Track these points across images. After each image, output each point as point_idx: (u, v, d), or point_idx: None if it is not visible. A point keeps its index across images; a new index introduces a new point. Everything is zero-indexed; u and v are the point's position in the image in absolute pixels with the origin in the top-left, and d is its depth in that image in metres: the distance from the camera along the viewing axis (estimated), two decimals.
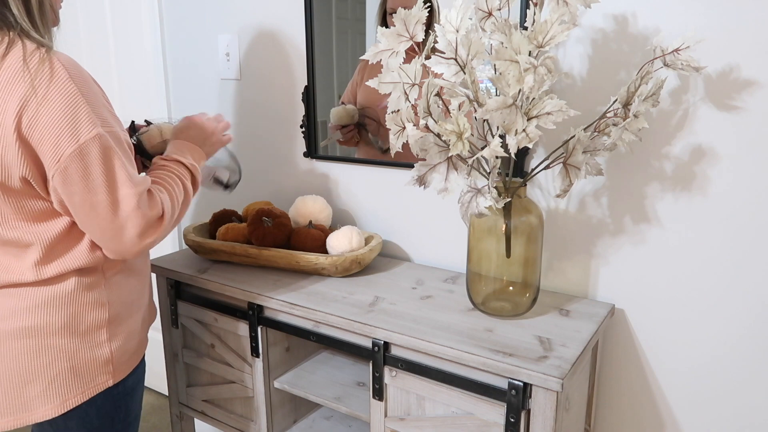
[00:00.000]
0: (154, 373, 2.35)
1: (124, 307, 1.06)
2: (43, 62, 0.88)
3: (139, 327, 1.11)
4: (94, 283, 1.02)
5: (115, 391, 1.06)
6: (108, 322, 1.04)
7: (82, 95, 0.89)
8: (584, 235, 1.25)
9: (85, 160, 0.89)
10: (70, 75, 0.89)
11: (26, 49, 0.89)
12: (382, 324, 1.11)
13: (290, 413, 1.44)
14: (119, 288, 1.06)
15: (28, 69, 0.88)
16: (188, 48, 1.78)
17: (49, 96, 0.87)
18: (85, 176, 0.90)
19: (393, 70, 1.01)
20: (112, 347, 1.04)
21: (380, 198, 1.49)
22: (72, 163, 0.89)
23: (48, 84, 0.87)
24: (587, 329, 1.09)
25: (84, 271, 1.01)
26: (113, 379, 1.04)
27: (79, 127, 0.88)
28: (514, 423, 0.99)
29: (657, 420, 1.25)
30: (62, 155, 0.88)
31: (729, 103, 1.06)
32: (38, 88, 0.87)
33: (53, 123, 0.88)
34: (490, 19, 0.97)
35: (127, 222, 0.94)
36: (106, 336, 1.03)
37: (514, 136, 0.94)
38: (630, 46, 1.12)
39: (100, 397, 1.04)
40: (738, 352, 1.14)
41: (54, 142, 0.88)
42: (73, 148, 0.88)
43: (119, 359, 1.05)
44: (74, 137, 0.88)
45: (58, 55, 0.91)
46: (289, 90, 1.58)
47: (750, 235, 1.09)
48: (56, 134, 0.88)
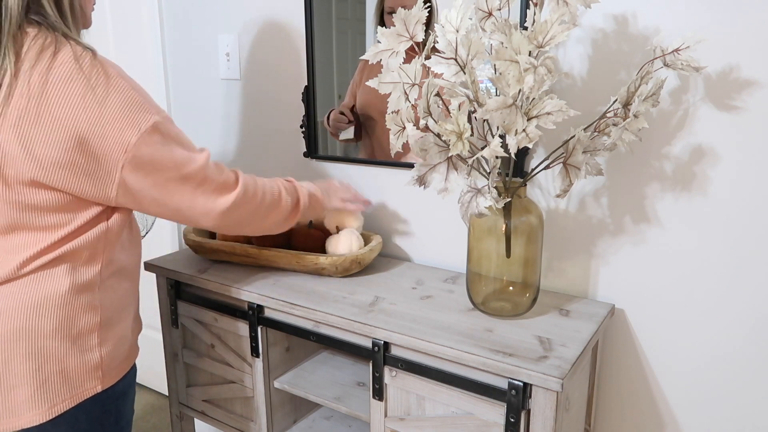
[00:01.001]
0: (154, 373, 2.35)
1: (116, 312, 1.05)
2: (94, 63, 0.93)
3: (129, 333, 1.09)
4: (88, 285, 1.00)
5: (104, 395, 1.04)
6: (99, 326, 1.02)
7: (134, 90, 0.95)
8: (584, 235, 1.25)
9: (150, 145, 0.96)
10: (119, 74, 0.95)
11: (76, 50, 0.94)
12: (382, 324, 1.11)
13: (290, 413, 1.44)
14: (113, 291, 1.04)
15: (81, 69, 0.92)
16: (188, 48, 1.78)
17: (109, 96, 0.93)
18: (153, 159, 0.96)
19: (393, 70, 1.01)
20: (102, 352, 1.02)
21: (380, 198, 1.49)
22: (139, 149, 0.95)
23: (106, 85, 0.93)
24: (587, 329, 1.09)
25: (79, 271, 1.00)
26: (102, 385, 1.02)
27: (138, 118, 0.94)
28: (514, 423, 0.99)
29: (657, 420, 1.25)
30: (128, 144, 0.94)
31: (729, 103, 1.06)
32: (96, 89, 0.92)
33: (115, 120, 0.93)
34: (490, 19, 0.97)
35: (205, 187, 1.02)
36: (97, 340, 1.02)
37: (514, 136, 0.94)
38: (630, 46, 1.12)
39: (89, 402, 1.02)
40: (738, 352, 1.14)
41: (119, 136, 0.93)
42: (137, 137, 0.94)
43: (109, 365, 1.03)
44: (136, 127, 0.94)
45: (103, 57, 0.96)
46: (289, 90, 1.58)
47: (750, 235, 1.09)
48: (120, 128, 0.93)
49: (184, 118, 1.86)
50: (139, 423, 2.21)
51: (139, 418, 2.24)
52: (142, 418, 2.24)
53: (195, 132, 1.84)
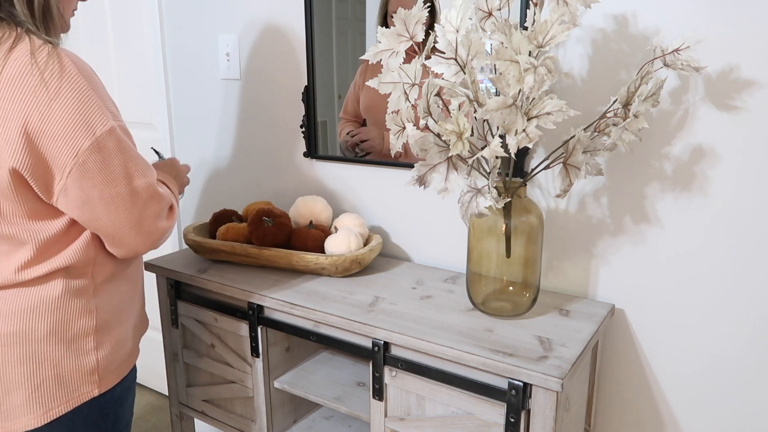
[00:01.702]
0: (154, 373, 2.35)
1: (113, 315, 1.04)
2: (51, 57, 0.88)
3: (130, 336, 1.08)
4: (82, 289, 0.99)
5: (102, 399, 1.03)
6: (95, 330, 1.01)
7: (92, 90, 0.90)
8: (584, 235, 1.25)
9: (103, 152, 0.90)
10: (79, 70, 0.89)
11: (34, 44, 0.88)
12: (382, 324, 1.11)
13: (290, 413, 1.44)
14: (109, 295, 1.03)
15: (36, 63, 0.87)
16: (188, 48, 1.78)
17: (61, 92, 0.87)
18: (103, 168, 0.91)
19: (393, 70, 1.01)
20: (98, 356, 1.01)
21: (380, 198, 1.49)
22: (90, 156, 0.89)
23: (59, 80, 0.87)
24: (587, 329, 1.09)
25: (73, 276, 0.99)
26: (99, 389, 1.01)
27: (94, 121, 0.89)
28: (514, 423, 0.99)
29: (657, 420, 1.25)
30: (80, 149, 0.88)
31: (729, 103, 1.06)
32: (49, 83, 0.87)
33: (67, 118, 0.87)
34: (490, 19, 0.97)
35: (145, 210, 0.96)
36: (93, 344, 1.00)
37: (514, 136, 0.94)
38: (630, 46, 1.12)
39: (86, 407, 1.01)
40: (739, 353, 1.14)
41: (70, 137, 0.88)
42: (90, 141, 0.88)
43: (106, 368, 1.02)
44: (90, 131, 0.88)
45: (65, 51, 0.91)
46: (289, 90, 1.58)
47: (751, 234, 1.09)
48: (72, 129, 0.88)
49: (184, 118, 1.86)
50: (139, 423, 2.21)
51: (139, 418, 2.24)
52: (142, 418, 2.24)
53: (195, 132, 1.84)
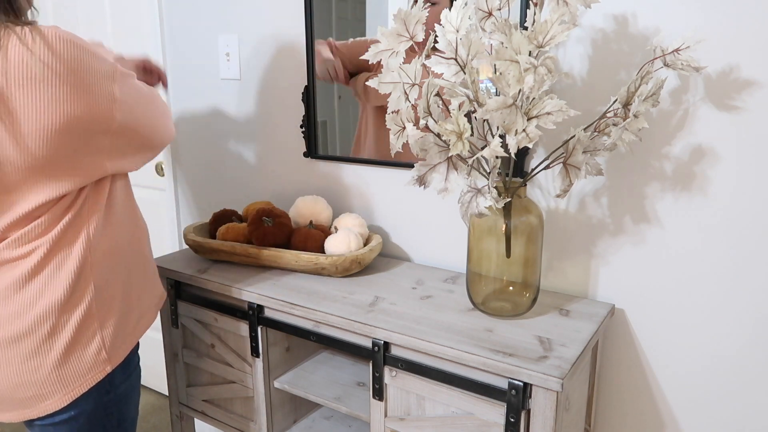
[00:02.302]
0: (154, 373, 2.35)
1: (112, 291, 1.04)
2: (39, 41, 0.91)
3: (132, 306, 1.08)
4: (81, 269, 1.00)
5: (107, 398, 1.05)
6: (97, 310, 1.02)
7: (83, 48, 0.95)
8: (584, 235, 1.25)
9: (127, 84, 1.01)
10: (61, 38, 0.93)
11: (18, 33, 0.91)
12: (382, 324, 1.11)
13: (290, 413, 1.44)
14: (104, 270, 1.03)
15: (30, 51, 0.91)
16: (188, 48, 1.78)
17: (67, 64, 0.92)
18: (137, 94, 1.03)
19: (393, 70, 1.01)
20: (103, 334, 1.03)
21: (380, 198, 1.49)
22: (122, 93, 0.99)
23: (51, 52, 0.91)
24: (587, 329, 1.09)
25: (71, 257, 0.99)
26: (111, 365, 1.03)
27: (103, 69, 0.97)
28: (514, 423, 0.99)
29: (657, 420, 1.25)
30: (113, 93, 0.98)
31: (729, 103, 1.06)
32: (60, 73, 0.92)
33: (86, 78, 0.94)
34: (490, 19, 0.97)
35: (166, 107, 1.13)
36: (97, 324, 1.02)
37: (514, 136, 0.94)
38: (630, 46, 1.12)
39: (94, 392, 1.03)
40: (739, 352, 1.14)
41: (99, 89, 0.96)
42: (114, 85, 0.98)
43: (113, 344, 1.04)
44: (108, 78, 0.97)
45: (42, 29, 0.92)
46: (289, 90, 1.58)
47: (751, 235, 1.09)
48: (95, 83, 0.95)
49: (184, 118, 1.86)
50: (139, 423, 2.21)
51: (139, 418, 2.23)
52: (143, 418, 2.24)
53: (195, 132, 1.84)
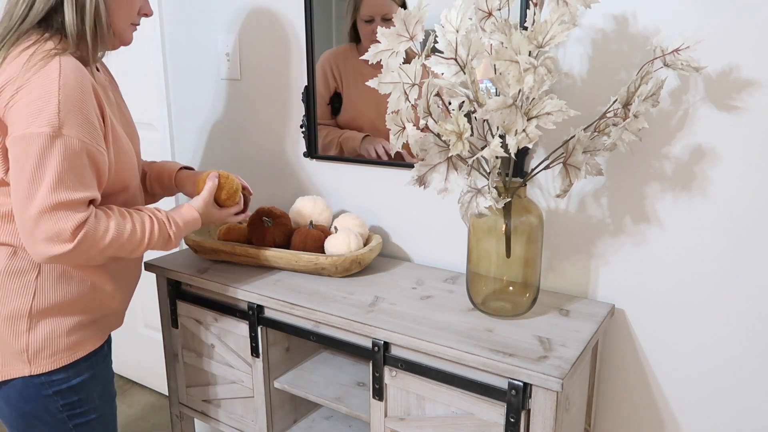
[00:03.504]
0: (154, 373, 2.35)
1: (54, 306, 1.07)
2: (44, 59, 0.96)
3: (69, 329, 1.09)
4: (23, 271, 1.05)
5: (38, 380, 1.08)
6: (29, 314, 1.06)
7: (59, 94, 0.95)
8: (584, 235, 1.25)
9: (25, 148, 0.95)
10: (61, 74, 0.96)
11: (40, 48, 0.98)
12: (382, 324, 1.11)
13: (290, 413, 1.44)
14: (54, 285, 1.07)
15: (29, 61, 0.97)
16: (188, 48, 1.78)
17: (31, 81, 0.95)
18: (19, 161, 0.96)
19: (393, 70, 1.01)
20: (29, 338, 1.06)
21: (380, 198, 1.49)
22: (14, 144, 0.96)
23: (35, 73, 0.96)
24: (587, 329, 1.09)
25: (19, 256, 1.05)
26: (30, 370, 1.06)
27: (37, 118, 0.95)
28: (514, 423, 0.99)
29: (657, 420, 1.25)
30: (12, 135, 0.96)
31: (729, 103, 1.06)
32: (27, 73, 0.96)
33: (21, 105, 0.95)
34: (490, 19, 0.97)
35: (35, 222, 0.96)
36: (26, 326, 1.06)
37: (514, 136, 0.94)
38: (630, 46, 1.12)
39: (20, 383, 1.07)
40: (739, 353, 1.14)
41: (13, 121, 0.96)
42: (20, 133, 0.95)
43: (37, 353, 1.06)
44: (28, 125, 0.95)
45: (63, 58, 0.98)
46: (289, 90, 1.58)
47: (751, 235, 1.09)
48: (18, 116, 0.95)
49: (184, 118, 1.86)
50: (139, 423, 2.21)
51: (139, 418, 2.24)
52: (143, 418, 2.24)
53: (195, 132, 1.84)
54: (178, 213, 1.15)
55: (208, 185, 1.21)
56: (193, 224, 1.17)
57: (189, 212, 1.17)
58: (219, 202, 1.24)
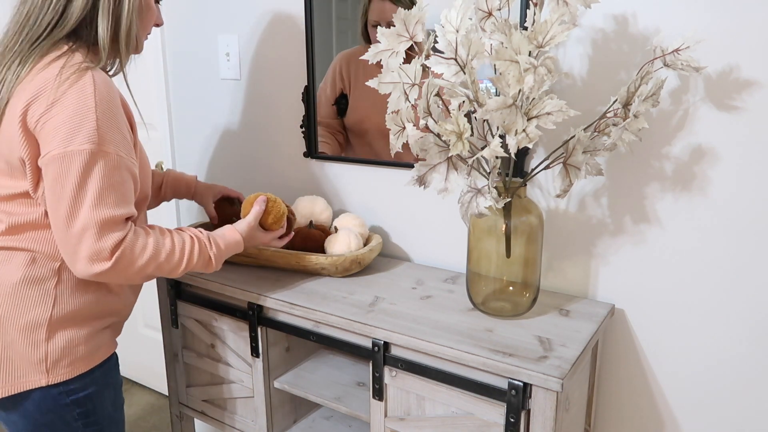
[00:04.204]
0: (154, 373, 2.35)
1: (72, 315, 1.06)
2: (76, 72, 0.95)
3: (89, 338, 1.08)
4: (43, 279, 1.03)
5: (55, 390, 1.05)
6: (49, 322, 1.03)
7: (96, 111, 0.94)
8: (584, 235, 1.25)
9: (66, 166, 0.93)
10: (96, 89, 0.95)
11: (70, 61, 0.97)
12: (382, 324, 1.11)
13: (290, 413, 1.44)
14: (73, 294, 1.06)
15: (60, 75, 0.95)
16: (188, 48, 1.78)
17: (66, 97, 0.93)
18: (58, 180, 0.94)
19: (393, 70, 1.01)
20: (48, 348, 1.04)
21: (380, 198, 1.49)
22: (53, 163, 0.94)
23: (69, 87, 0.94)
24: (587, 329, 1.09)
25: (37, 264, 1.03)
26: (47, 380, 1.04)
27: (76, 136, 0.93)
28: (514, 423, 0.99)
29: (657, 420, 1.25)
30: (48, 153, 0.94)
31: (729, 103, 1.06)
32: (60, 87, 0.94)
33: (58, 122, 0.93)
34: (490, 19, 0.97)
35: (78, 240, 0.96)
36: (45, 335, 1.03)
37: (514, 136, 0.94)
38: (630, 46, 1.12)
39: (37, 394, 1.05)
40: (739, 353, 1.14)
41: (50, 139, 0.94)
42: (59, 151, 0.93)
43: (56, 362, 1.04)
44: (66, 143, 0.93)
45: (95, 72, 0.97)
46: (289, 90, 1.58)
47: (751, 235, 1.09)
48: (55, 133, 0.93)
49: (184, 118, 1.86)
50: (139, 423, 2.21)
51: (139, 418, 2.24)
52: (142, 418, 2.24)
53: (195, 132, 1.84)
54: (220, 235, 1.14)
55: (254, 209, 1.20)
56: (235, 247, 1.16)
57: (232, 235, 1.16)
58: (265, 226, 1.24)
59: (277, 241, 1.27)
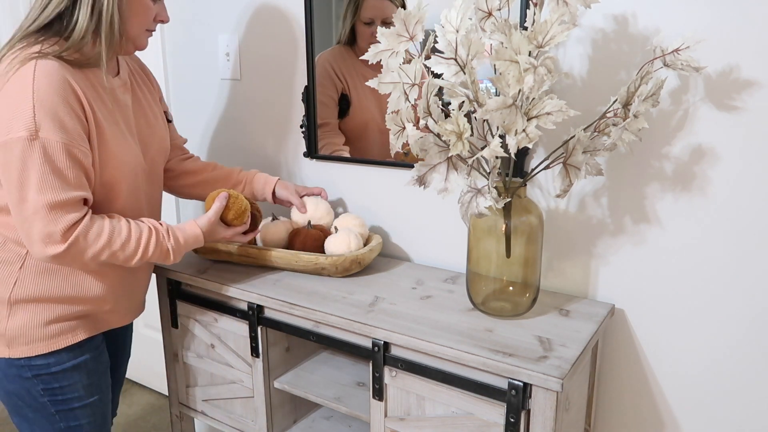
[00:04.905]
0: (154, 373, 2.35)
1: (35, 296, 1.11)
2: (21, 62, 0.98)
3: (46, 320, 1.12)
4: (8, 261, 1.10)
5: (17, 362, 1.11)
6: (9, 301, 1.10)
7: (33, 98, 0.96)
8: (584, 235, 1.25)
9: (8, 154, 0.97)
10: (35, 78, 0.97)
11: (24, 52, 1.00)
12: (382, 324, 1.11)
13: (290, 413, 1.44)
14: (34, 279, 1.11)
15: (10, 65, 0.99)
16: (188, 48, 1.78)
17: (8, 86, 0.98)
18: (6, 167, 0.99)
19: (393, 70, 1.01)
20: (7, 324, 1.10)
21: (380, 198, 1.49)
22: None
23: (12, 76, 0.98)
24: (587, 329, 1.09)
25: (5, 248, 1.10)
26: (8, 353, 1.11)
27: (15, 123, 0.96)
28: (514, 423, 0.99)
29: (657, 420, 1.25)
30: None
31: (729, 103, 1.06)
32: (5, 76, 0.98)
33: (0, 111, 0.98)
34: (490, 19, 0.97)
35: (30, 223, 1.00)
36: (6, 312, 1.10)
37: (514, 136, 0.94)
38: (630, 46, 1.12)
39: (3, 363, 1.12)
40: (738, 353, 1.14)
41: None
42: (2, 140, 0.97)
43: (13, 339, 1.11)
44: (6, 131, 0.97)
45: (41, 62, 0.99)
46: (289, 90, 1.58)
47: (750, 235, 1.09)
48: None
49: (184, 118, 1.86)
50: (139, 423, 2.21)
51: (139, 418, 2.24)
52: (142, 418, 2.24)
53: (195, 132, 1.84)
54: (180, 228, 1.17)
55: (215, 205, 1.22)
56: (195, 241, 1.19)
57: (191, 229, 1.19)
58: (226, 221, 1.25)
59: (241, 236, 1.29)
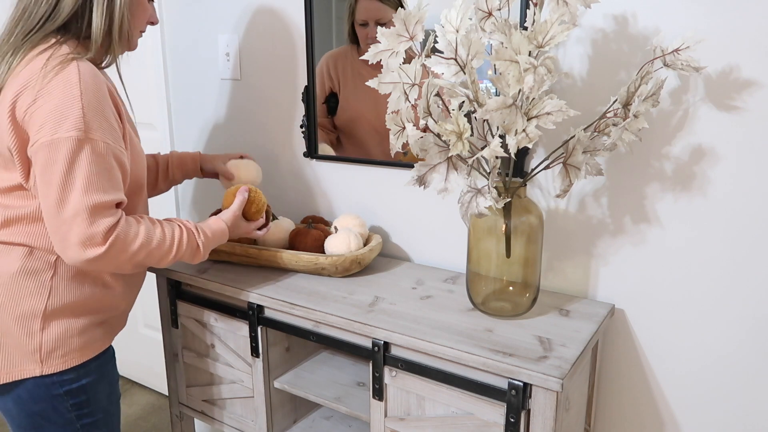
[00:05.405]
0: (154, 373, 2.35)
1: (69, 306, 1.08)
2: (61, 63, 0.98)
3: (81, 329, 1.10)
4: (40, 271, 1.06)
5: (49, 380, 1.08)
6: (44, 314, 1.06)
7: (82, 99, 0.96)
8: (584, 235, 1.25)
9: (54, 153, 0.96)
10: (81, 78, 0.97)
11: (56, 52, 1.00)
12: (382, 324, 1.11)
13: (290, 413, 1.44)
14: (69, 286, 1.08)
15: (45, 66, 0.98)
16: (188, 48, 1.78)
17: (51, 87, 0.96)
18: (47, 167, 0.96)
19: (393, 70, 1.01)
20: (42, 338, 1.06)
21: (380, 198, 1.49)
22: (41, 151, 0.96)
23: (54, 77, 0.96)
24: (587, 329, 1.09)
25: (34, 256, 1.06)
26: (41, 370, 1.06)
27: (63, 124, 0.95)
28: (514, 423, 0.99)
29: (657, 420, 1.25)
30: (37, 142, 0.96)
31: (729, 103, 1.06)
32: (45, 77, 0.96)
33: (45, 111, 0.96)
34: (490, 19, 0.97)
35: (69, 225, 0.97)
36: (39, 326, 1.06)
37: (514, 136, 0.94)
38: (630, 46, 1.12)
39: (30, 383, 1.07)
40: (738, 353, 1.14)
41: (38, 128, 0.96)
42: (47, 139, 0.95)
43: (49, 353, 1.07)
44: (53, 131, 0.95)
45: (80, 62, 0.99)
46: (289, 90, 1.58)
47: (750, 235, 1.09)
48: (42, 122, 0.96)
49: (184, 119, 1.86)
50: (139, 423, 2.21)
51: (139, 418, 2.24)
52: (142, 418, 2.24)
53: (195, 132, 1.84)
54: (206, 224, 1.17)
55: (238, 199, 1.22)
56: (221, 236, 1.19)
57: (217, 224, 1.18)
58: (247, 216, 1.25)
59: (257, 232, 1.29)
